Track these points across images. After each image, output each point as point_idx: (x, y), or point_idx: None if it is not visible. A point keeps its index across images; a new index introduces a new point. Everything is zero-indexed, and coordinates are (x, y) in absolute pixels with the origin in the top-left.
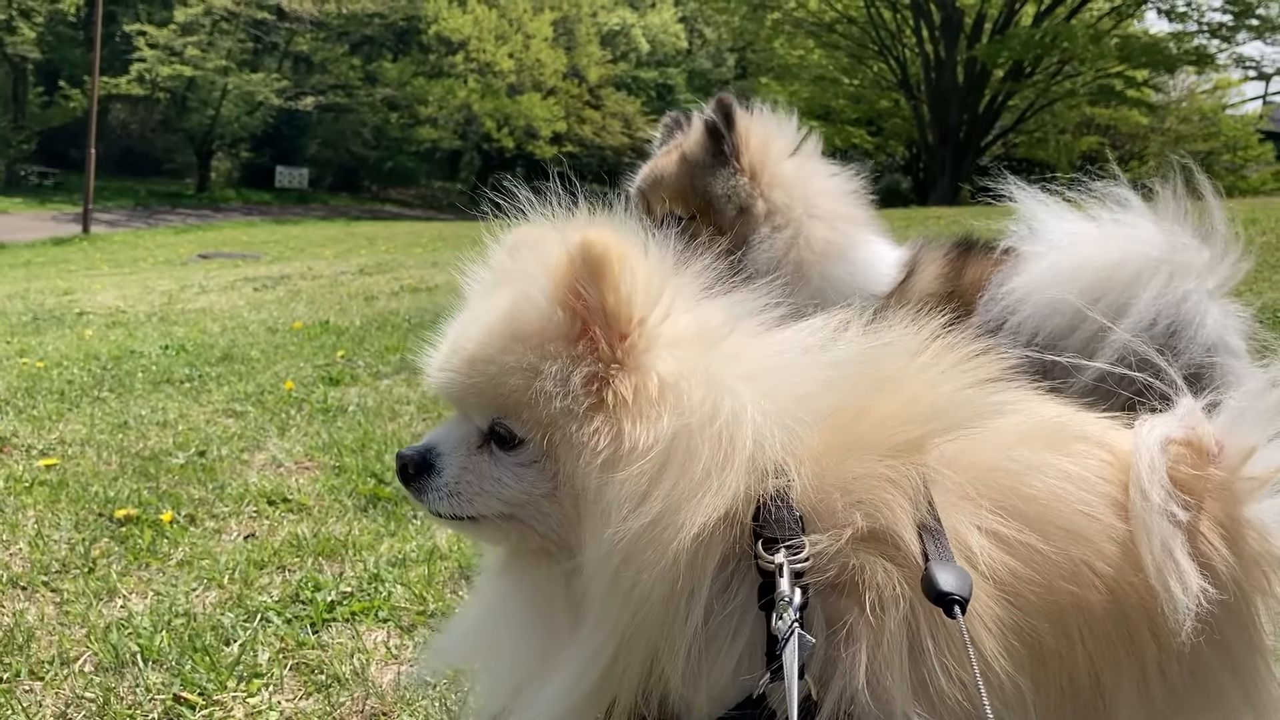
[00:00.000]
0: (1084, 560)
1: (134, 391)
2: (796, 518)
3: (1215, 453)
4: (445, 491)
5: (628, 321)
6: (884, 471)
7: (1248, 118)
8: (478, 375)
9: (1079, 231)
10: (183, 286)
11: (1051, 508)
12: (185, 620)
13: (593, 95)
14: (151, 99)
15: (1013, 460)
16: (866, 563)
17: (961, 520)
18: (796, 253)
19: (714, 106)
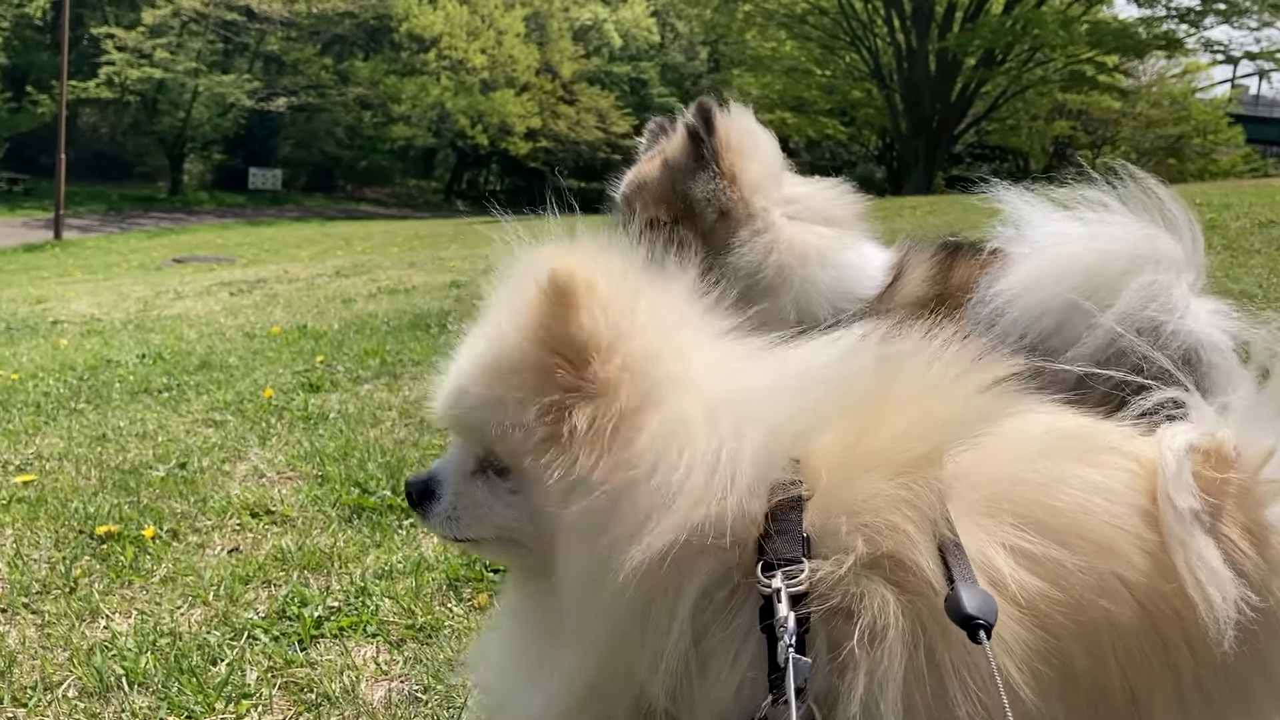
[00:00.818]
0: (1115, 573)
1: (112, 402)
2: (800, 540)
3: (1234, 458)
4: (443, 516)
5: (592, 349)
6: (894, 491)
7: (1217, 101)
8: (461, 407)
9: (1064, 232)
10: (158, 292)
11: (1079, 520)
12: (170, 640)
13: (566, 91)
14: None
15: (1036, 472)
16: (867, 589)
17: (985, 538)
18: (777, 256)
19: (694, 110)
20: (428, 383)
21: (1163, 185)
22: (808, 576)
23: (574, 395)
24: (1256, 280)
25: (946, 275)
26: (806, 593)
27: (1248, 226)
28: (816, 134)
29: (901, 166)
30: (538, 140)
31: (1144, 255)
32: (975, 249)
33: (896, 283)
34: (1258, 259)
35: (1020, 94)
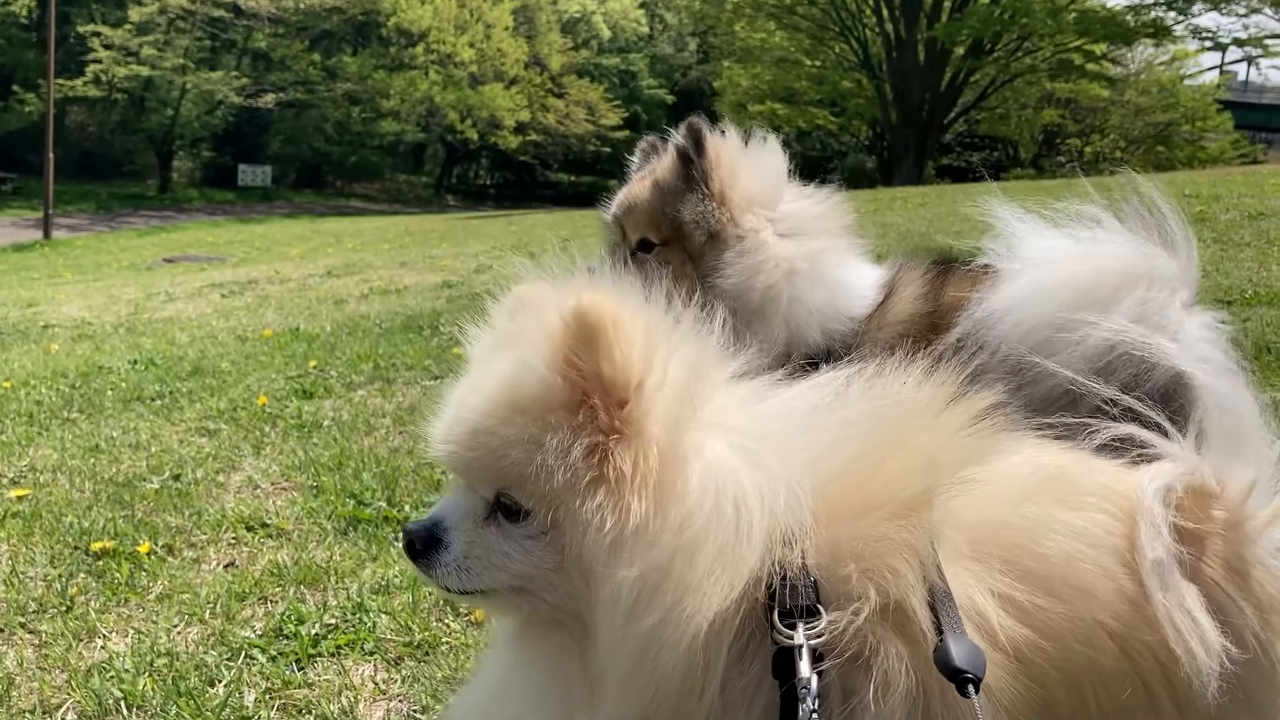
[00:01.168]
0: (1099, 621)
1: (104, 411)
2: (812, 585)
3: (1218, 492)
4: (453, 567)
5: (625, 388)
6: (894, 534)
7: (1205, 88)
8: (479, 448)
9: (1056, 248)
10: (149, 294)
11: (1063, 567)
12: (168, 660)
13: (555, 83)
14: (109, 100)
15: (1022, 517)
16: (882, 639)
17: (973, 584)
18: (765, 277)
19: (684, 131)
20: (427, 420)
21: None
22: (827, 627)
23: (613, 437)
24: (1247, 275)
25: (939, 293)
26: (823, 646)
27: (1237, 219)
28: (807, 124)
29: (892, 156)
30: (527, 134)
31: (1137, 272)
32: (967, 266)
33: (888, 300)
34: (1248, 252)
35: (1009, 83)
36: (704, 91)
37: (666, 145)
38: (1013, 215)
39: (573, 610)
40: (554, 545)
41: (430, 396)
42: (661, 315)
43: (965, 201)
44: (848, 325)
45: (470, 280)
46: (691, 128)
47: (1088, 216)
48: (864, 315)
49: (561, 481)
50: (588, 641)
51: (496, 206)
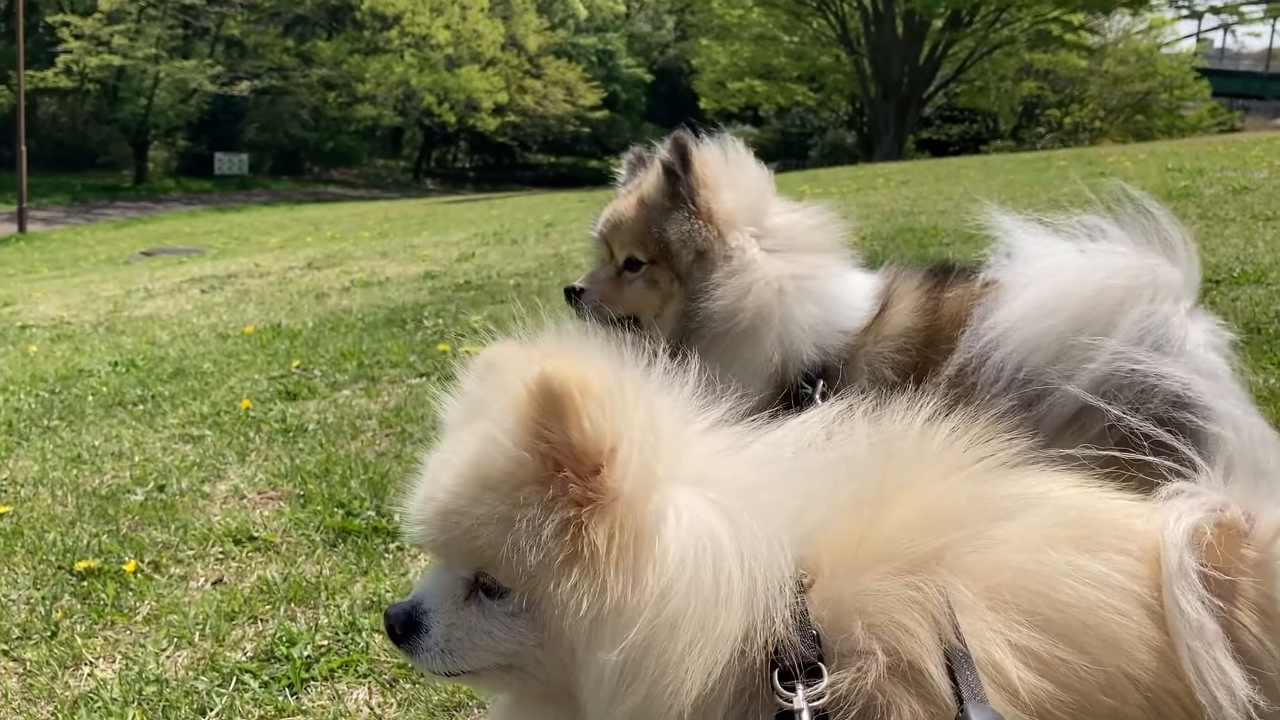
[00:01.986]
0: (1122, 671)
1: (85, 418)
2: (813, 642)
3: (1246, 530)
4: (436, 650)
5: (596, 456)
6: (903, 592)
7: (1183, 56)
8: (452, 528)
9: (1059, 262)
10: (128, 291)
11: (1084, 617)
12: (157, 689)
13: (533, 64)
14: (81, 91)
15: (1040, 564)
16: (893, 700)
17: (991, 636)
18: (755, 297)
19: (670, 146)
20: (403, 497)
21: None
22: (829, 687)
23: (586, 509)
24: (1234, 251)
25: (936, 306)
26: (827, 707)
27: (1221, 194)
28: (786, 101)
29: (872, 131)
30: (505, 115)
31: (1141, 285)
32: (964, 274)
33: (884, 313)
34: (1233, 228)
35: (988, 55)
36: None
37: (653, 156)
38: (1015, 226)
39: (562, 685)
40: (536, 621)
41: (416, 397)
42: (629, 371)
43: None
44: (842, 340)
45: (453, 270)
46: (677, 142)
47: (1091, 227)
48: (859, 329)
49: (535, 561)
50: (581, 716)
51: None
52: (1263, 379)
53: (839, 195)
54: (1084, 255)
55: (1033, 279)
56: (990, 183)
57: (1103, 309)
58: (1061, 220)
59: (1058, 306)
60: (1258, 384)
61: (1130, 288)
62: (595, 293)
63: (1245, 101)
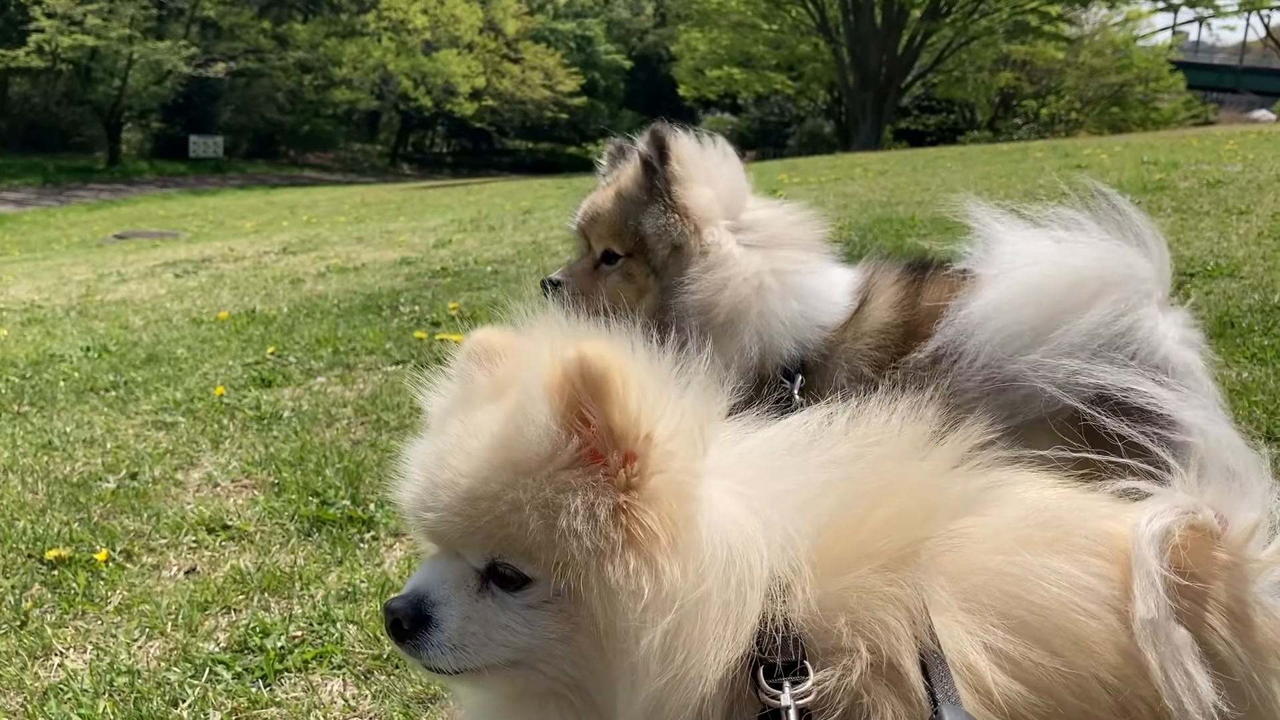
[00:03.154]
0: (1093, 674)
1: (57, 404)
2: (798, 640)
3: (1219, 532)
4: (447, 646)
5: (635, 441)
6: (883, 588)
7: (1158, 48)
8: (481, 514)
9: (1035, 253)
10: (100, 275)
11: (1058, 618)
12: (129, 680)
13: (511, 49)
14: (53, 71)
15: (1015, 565)
16: (877, 698)
17: (966, 638)
18: (732, 292)
19: (648, 137)
20: (395, 486)
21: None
22: (815, 686)
23: (633, 493)
24: (1208, 245)
25: (915, 299)
26: (812, 707)
27: (1196, 187)
28: (764, 89)
29: (850, 120)
30: (483, 100)
31: (1115, 276)
32: (943, 268)
33: (863, 308)
34: (1207, 221)
35: (966, 45)
36: (661, 56)
37: (634, 148)
38: (990, 215)
39: (574, 681)
40: (563, 613)
41: (392, 385)
42: (653, 358)
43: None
44: (820, 335)
45: (429, 256)
46: (655, 135)
47: (1065, 219)
48: (838, 324)
49: (586, 547)
50: (590, 712)
51: (453, 175)
52: (1235, 372)
53: (817, 185)
54: (1059, 247)
55: (1008, 269)
56: (967, 173)
57: (1077, 300)
58: (1037, 212)
59: (1032, 297)
60: (1230, 378)
61: (1105, 280)
62: (572, 285)
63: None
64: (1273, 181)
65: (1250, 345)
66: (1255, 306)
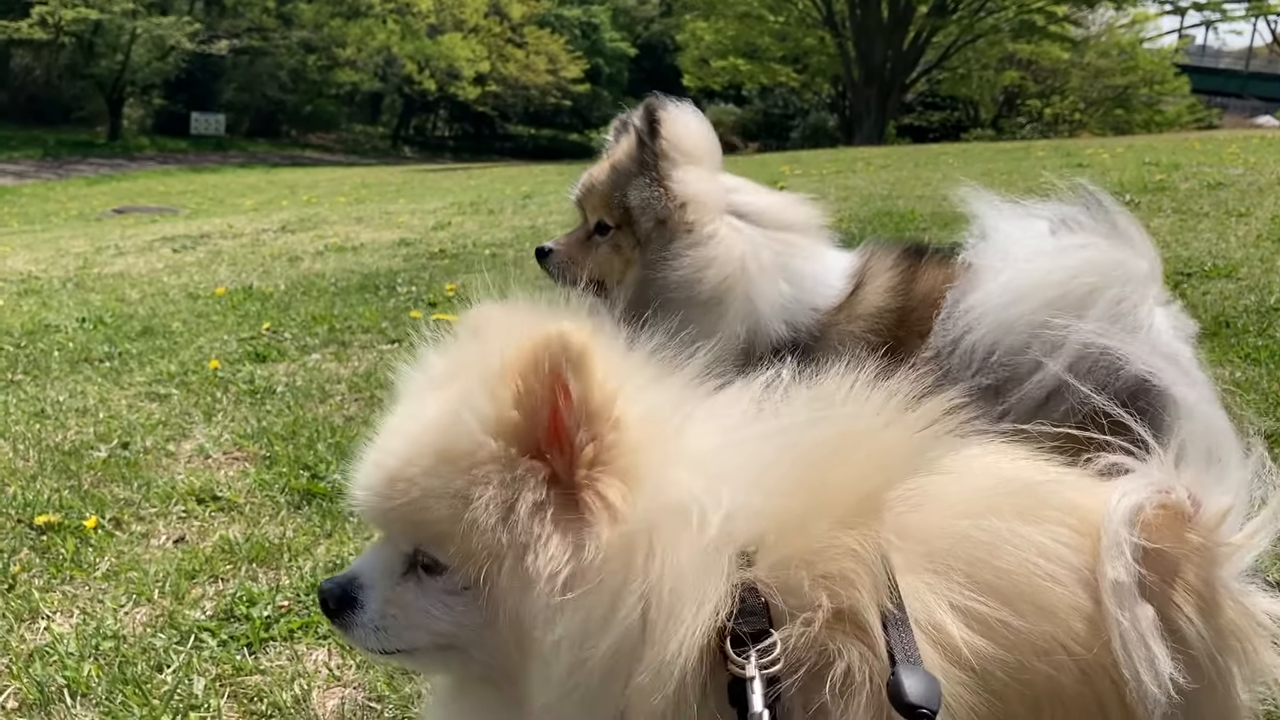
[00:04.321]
0: (1057, 639)
1: (51, 373)
2: (763, 606)
3: (1191, 514)
4: (370, 627)
5: (607, 418)
6: (843, 541)
7: (1164, 51)
8: (398, 495)
9: (1034, 246)
10: (98, 248)
11: (1024, 583)
12: (114, 644)
13: (515, 33)
14: (56, 44)
15: (983, 530)
16: (841, 646)
17: (934, 598)
18: (717, 270)
19: (641, 110)
20: (349, 467)
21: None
22: (781, 650)
23: (581, 476)
24: (1206, 246)
25: (910, 285)
26: (780, 671)
27: (1196, 188)
28: (769, 81)
29: (854, 115)
30: (486, 84)
31: (1112, 274)
32: (940, 255)
33: (858, 292)
34: (1206, 222)
35: (971, 43)
36: (666, 45)
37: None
38: (989, 208)
39: (504, 668)
40: (480, 600)
41: (386, 363)
42: (618, 337)
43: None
44: (813, 317)
45: (428, 238)
46: (648, 108)
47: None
48: (832, 307)
49: (497, 540)
50: (518, 701)
51: (455, 159)
52: (1229, 371)
53: (818, 177)
54: (1057, 242)
55: (1006, 264)
56: (969, 170)
57: (1074, 295)
58: (1035, 204)
59: (1031, 292)
60: (1224, 376)
61: (1101, 275)
62: (563, 254)
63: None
64: (1273, 185)
65: (1245, 345)
66: (1251, 307)
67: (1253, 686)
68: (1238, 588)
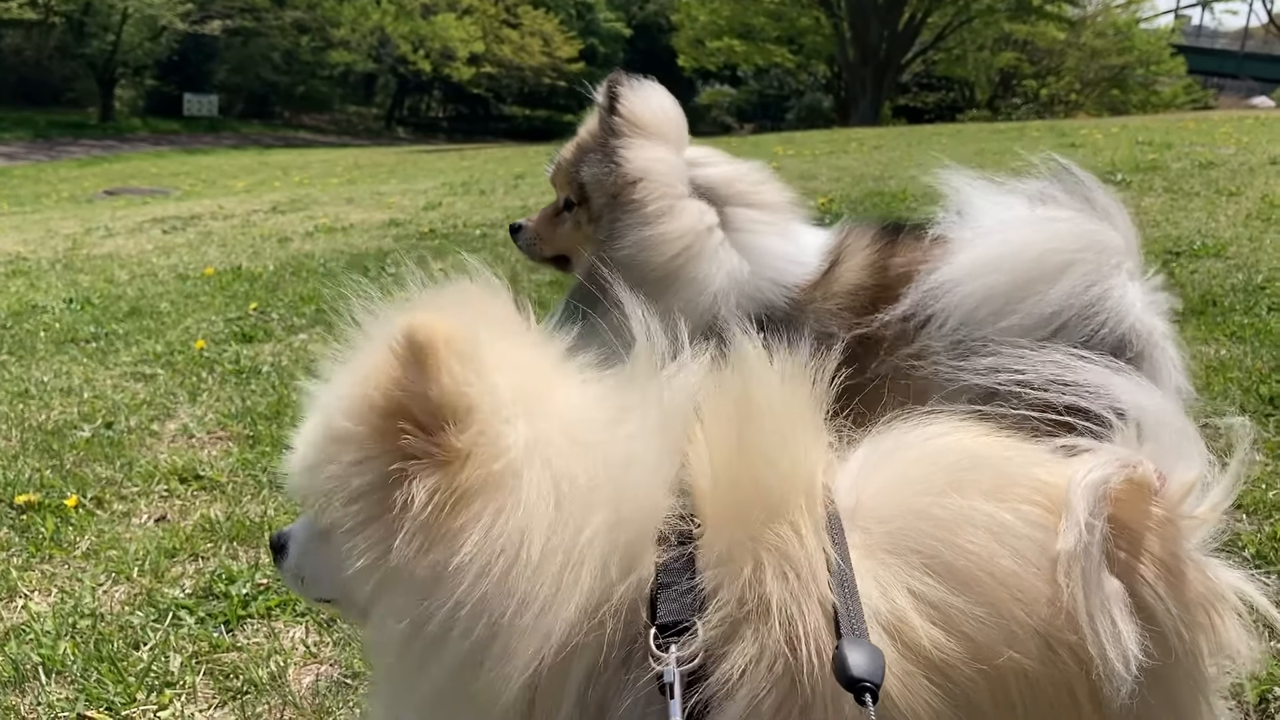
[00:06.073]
0: (1022, 622)
1: (36, 354)
2: (692, 593)
3: (1157, 489)
4: (291, 574)
5: (451, 411)
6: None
7: (1160, 32)
8: (294, 467)
9: (1009, 219)
10: (88, 229)
11: (986, 565)
12: (91, 622)
13: (510, 14)
14: (46, 24)
15: (944, 508)
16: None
17: (892, 581)
18: (669, 248)
19: (604, 86)
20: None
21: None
22: (702, 643)
23: (419, 464)
24: (1196, 225)
25: (887, 262)
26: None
27: (1188, 168)
28: (764, 62)
29: (849, 96)
30: (481, 65)
31: (1086, 248)
32: (917, 232)
33: (834, 270)
34: (1197, 201)
35: (967, 23)
36: (661, 26)
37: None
38: (965, 184)
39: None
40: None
41: None
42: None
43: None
44: (783, 295)
45: (418, 218)
46: (610, 84)
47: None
48: (807, 285)
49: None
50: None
51: (449, 140)
52: (1214, 349)
53: (811, 157)
54: (1033, 217)
55: (980, 236)
56: (962, 150)
57: (1048, 268)
58: (1012, 181)
59: (1003, 264)
60: (1209, 354)
61: (1075, 249)
62: (532, 231)
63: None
64: (1264, 164)
65: (1230, 323)
66: (1239, 286)
67: (1219, 660)
68: (1202, 561)
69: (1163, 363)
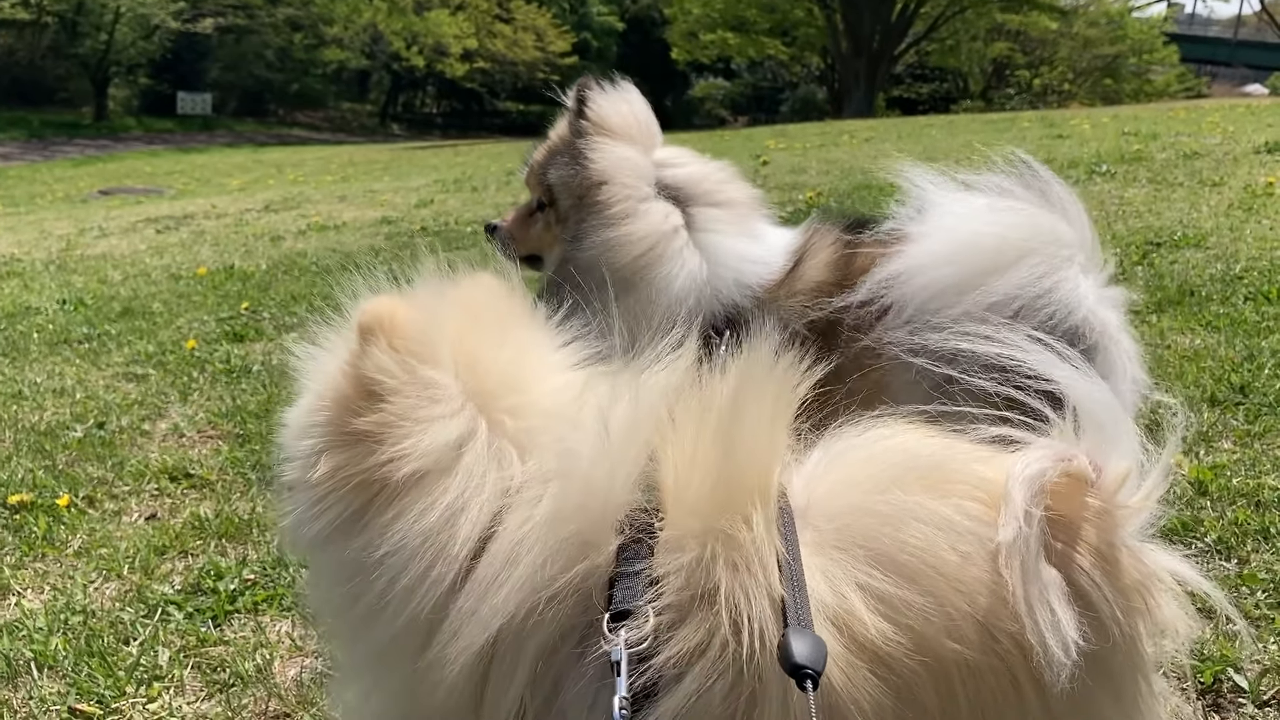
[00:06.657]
0: (965, 614)
1: (29, 355)
2: (646, 581)
3: (1092, 480)
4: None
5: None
6: (740, 526)
7: (1153, 20)
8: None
9: (965, 213)
10: (82, 229)
11: (929, 558)
12: (83, 619)
13: (503, 9)
14: (39, 24)
15: (888, 504)
16: (715, 628)
17: (841, 575)
18: (634, 248)
19: (574, 91)
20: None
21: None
22: (653, 628)
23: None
24: (1178, 216)
25: (850, 260)
26: (652, 648)
27: (1172, 158)
28: (758, 54)
29: (842, 87)
30: (474, 61)
31: (1039, 239)
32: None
33: (798, 268)
34: (1180, 192)
35: (959, 14)
36: (654, 19)
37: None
38: (923, 178)
39: None
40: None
41: None
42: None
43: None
44: (747, 295)
45: (410, 216)
46: (579, 87)
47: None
48: (771, 284)
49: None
50: None
51: (443, 136)
52: (1189, 339)
53: (802, 150)
54: (988, 209)
55: (935, 228)
56: (952, 141)
57: (1001, 261)
58: (971, 176)
59: (957, 255)
60: (1183, 344)
61: (1029, 243)
62: (505, 230)
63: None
64: (1248, 154)
65: (1206, 313)
66: (1217, 276)
67: (1157, 640)
68: (1137, 546)
69: (1117, 356)
